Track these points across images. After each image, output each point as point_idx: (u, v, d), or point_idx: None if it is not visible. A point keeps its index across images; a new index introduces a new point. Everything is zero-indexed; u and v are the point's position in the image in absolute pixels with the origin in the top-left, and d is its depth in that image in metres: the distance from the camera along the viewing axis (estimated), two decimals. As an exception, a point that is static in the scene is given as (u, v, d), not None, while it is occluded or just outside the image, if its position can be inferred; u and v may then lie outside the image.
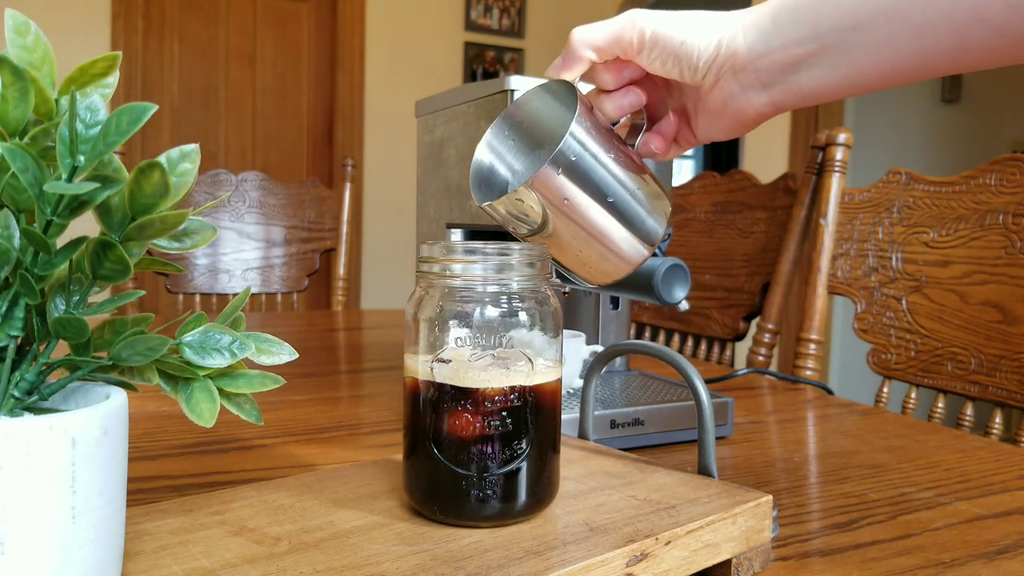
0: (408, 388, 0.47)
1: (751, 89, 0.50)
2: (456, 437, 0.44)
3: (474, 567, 0.39)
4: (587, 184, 0.49)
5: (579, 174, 0.48)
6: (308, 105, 3.51)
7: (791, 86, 0.49)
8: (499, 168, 0.54)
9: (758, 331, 1.32)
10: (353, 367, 1.14)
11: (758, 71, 0.49)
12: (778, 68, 0.49)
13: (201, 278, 1.73)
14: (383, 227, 3.54)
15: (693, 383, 0.53)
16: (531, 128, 0.54)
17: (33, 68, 0.34)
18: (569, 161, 0.48)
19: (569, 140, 0.47)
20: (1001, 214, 1.00)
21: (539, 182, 0.48)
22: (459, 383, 0.44)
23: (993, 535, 0.55)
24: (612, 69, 0.52)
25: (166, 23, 3.23)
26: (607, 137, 0.50)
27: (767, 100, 0.50)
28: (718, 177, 1.55)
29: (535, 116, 0.54)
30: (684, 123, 0.55)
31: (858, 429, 0.84)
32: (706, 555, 0.46)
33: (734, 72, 0.50)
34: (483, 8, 3.74)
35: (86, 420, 0.33)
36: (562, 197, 0.48)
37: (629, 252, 0.52)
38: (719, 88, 0.51)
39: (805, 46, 0.47)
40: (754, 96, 0.50)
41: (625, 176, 0.50)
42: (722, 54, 0.49)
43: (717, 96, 0.51)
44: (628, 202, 0.51)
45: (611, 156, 0.50)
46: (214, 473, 0.64)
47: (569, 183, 0.48)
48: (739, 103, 0.51)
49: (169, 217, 0.35)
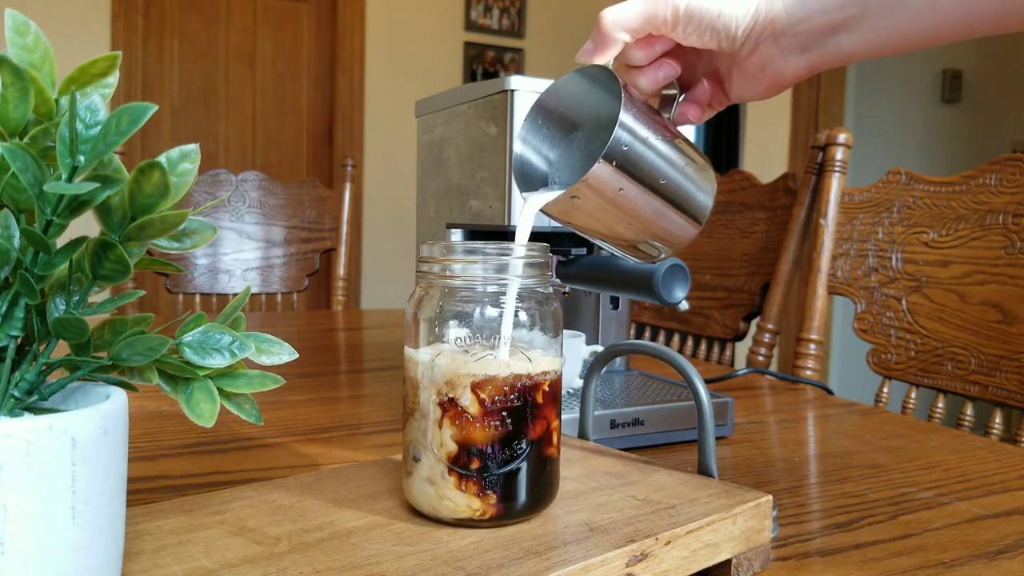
0: (408, 388, 0.47)
1: (791, 53, 0.50)
2: (456, 437, 0.44)
3: (474, 567, 0.39)
4: (640, 171, 0.49)
5: (632, 163, 0.48)
6: (308, 105, 3.51)
7: (831, 48, 0.49)
8: (535, 160, 0.54)
9: (758, 331, 1.32)
10: (353, 367, 1.14)
11: (797, 35, 0.49)
12: (818, 32, 0.48)
13: (201, 278, 1.73)
14: (383, 227, 3.54)
15: (693, 383, 0.53)
16: (565, 114, 0.54)
17: (33, 68, 0.34)
18: (622, 152, 0.47)
19: (619, 132, 0.47)
20: (1001, 214, 1.00)
21: (594, 178, 0.47)
22: (459, 383, 0.44)
23: (993, 535, 0.55)
24: (644, 45, 0.51)
25: (166, 23, 3.23)
26: (651, 119, 0.50)
27: (806, 63, 0.50)
28: (718, 177, 1.55)
29: (569, 102, 0.53)
30: (717, 86, 0.55)
31: (858, 429, 0.84)
32: (706, 555, 0.46)
33: (773, 38, 0.49)
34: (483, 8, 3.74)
35: (86, 420, 0.33)
36: (617, 188, 0.48)
37: (679, 232, 0.53)
38: (757, 53, 0.50)
39: (847, 10, 0.47)
40: (793, 59, 0.50)
41: (675, 156, 0.50)
42: (760, 21, 0.49)
43: (755, 61, 0.51)
44: (680, 182, 0.51)
45: (659, 138, 0.49)
46: (214, 473, 0.64)
47: (622, 174, 0.48)
48: (778, 67, 0.50)
49: (169, 217, 0.35)
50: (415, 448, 0.46)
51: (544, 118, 0.54)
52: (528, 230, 0.50)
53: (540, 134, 0.54)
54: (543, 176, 0.54)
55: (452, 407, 0.44)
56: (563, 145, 0.54)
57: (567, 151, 0.54)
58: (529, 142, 0.53)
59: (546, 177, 0.54)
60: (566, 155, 0.54)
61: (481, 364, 0.44)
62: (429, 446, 0.45)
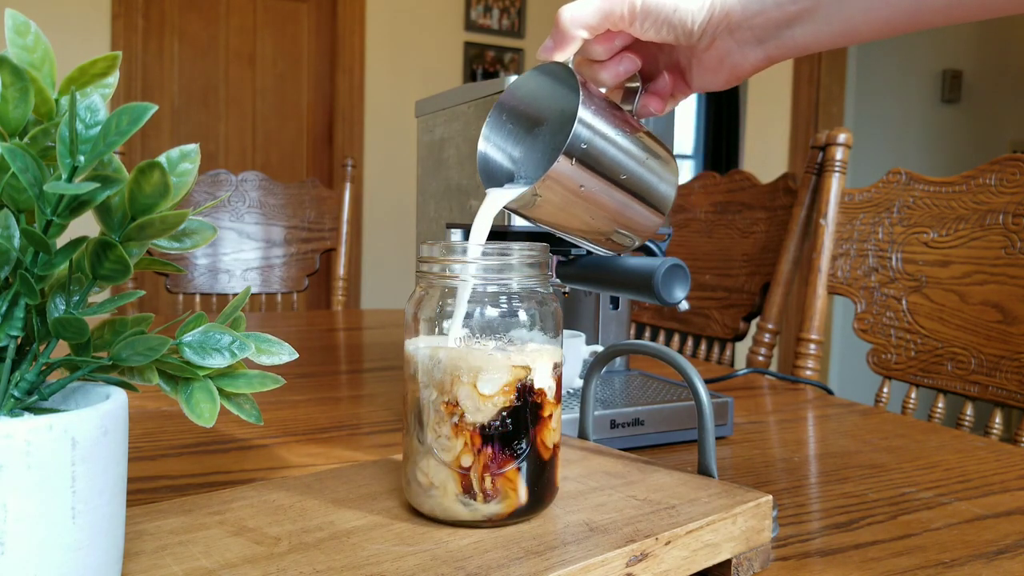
0: (408, 387, 0.47)
1: (747, 46, 0.51)
2: (457, 437, 0.44)
3: (474, 567, 0.39)
4: (601, 166, 0.49)
5: (592, 158, 0.49)
6: (308, 105, 3.51)
7: (786, 41, 0.50)
8: (499, 158, 0.54)
9: (758, 331, 1.32)
10: (353, 367, 1.14)
11: (753, 28, 0.50)
12: (773, 25, 0.49)
13: (201, 278, 1.73)
14: (383, 227, 3.54)
15: (693, 383, 0.53)
16: (527, 112, 0.54)
17: (33, 68, 0.34)
18: (581, 149, 0.48)
19: (578, 128, 0.47)
20: (1001, 214, 1.00)
21: (555, 174, 0.48)
22: (459, 383, 0.44)
23: (993, 535, 0.55)
24: (603, 40, 0.52)
25: (166, 23, 3.23)
26: (611, 114, 0.50)
27: (763, 55, 0.51)
28: (718, 177, 1.55)
29: (530, 99, 0.54)
30: (679, 78, 0.55)
31: (858, 429, 0.84)
32: (706, 555, 0.46)
33: (729, 31, 0.50)
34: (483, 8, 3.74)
35: (86, 420, 0.33)
36: (578, 184, 0.49)
37: (644, 223, 0.54)
38: (715, 47, 0.51)
39: (800, 3, 0.48)
40: (750, 52, 0.51)
41: (637, 149, 0.51)
42: (716, 15, 0.50)
43: (713, 54, 0.52)
44: (641, 175, 0.52)
45: (619, 132, 0.50)
46: (214, 473, 0.64)
47: (583, 169, 0.49)
48: (735, 59, 0.51)
49: (169, 217, 0.35)
50: (415, 448, 0.46)
51: (507, 115, 0.54)
52: (487, 226, 0.50)
53: (503, 132, 0.54)
54: (508, 173, 0.55)
55: (452, 407, 0.44)
56: (527, 142, 0.55)
57: (531, 148, 0.55)
58: (492, 140, 0.54)
59: (511, 174, 0.55)
60: (530, 152, 0.55)
61: (482, 364, 0.44)
62: (429, 446, 0.45)
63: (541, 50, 0.51)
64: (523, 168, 0.55)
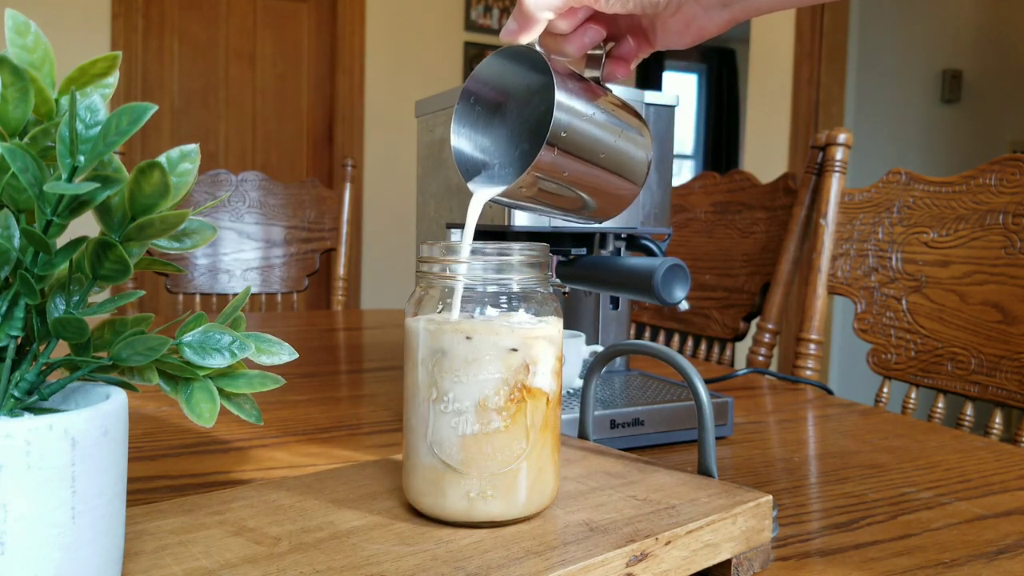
0: (408, 387, 0.47)
1: (713, 9, 0.51)
2: (457, 437, 0.44)
3: (474, 567, 0.39)
4: (581, 149, 0.50)
5: (573, 143, 0.49)
6: (308, 105, 3.51)
7: (750, 2, 0.51)
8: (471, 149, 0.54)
9: (758, 331, 1.32)
10: (353, 367, 1.14)
11: None
12: None
13: (201, 278, 1.73)
14: (383, 227, 3.54)
15: (693, 383, 0.53)
16: (491, 96, 0.54)
17: (33, 68, 0.34)
18: (561, 137, 0.48)
19: (558, 115, 0.48)
20: (1001, 214, 1.00)
21: (541, 163, 0.48)
22: (459, 383, 0.44)
23: (993, 535, 0.55)
24: (567, 16, 0.51)
25: (166, 23, 3.23)
26: (584, 92, 0.51)
27: (728, 16, 0.52)
28: (718, 177, 1.55)
29: (495, 82, 0.53)
30: (642, 39, 0.56)
31: (858, 429, 0.84)
32: (706, 555, 0.46)
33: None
34: (483, 8, 3.74)
35: (86, 420, 0.33)
36: (562, 171, 0.49)
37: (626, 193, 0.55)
38: (681, 12, 0.52)
39: None
40: (715, 14, 0.52)
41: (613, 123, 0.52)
42: None
43: (679, 19, 0.52)
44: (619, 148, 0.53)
45: (595, 109, 0.51)
46: (214, 473, 0.64)
47: (566, 157, 0.49)
48: (701, 22, 0.52)
49: (169, 217, 0.35)
50: (416, 448, 0.46)
51: (475, 102, 0.53)
52: (473, 226, 0.50)
53: (471, 118, 0.53)
54: (482, 161, 0.54)
55: (452, 407, 0.44)
56: (494, 124, 0.55)
57: (499, 130, 0.54)
58: (462, 133, 0.53)
59: (485, 162, 0.54)
60: (499, 134, 0.54)
61: (482, 364, 0.44)
62: (430, 446, 0.45)
63: (504, 32, 0.50)
64: (496, 151, 0.55)
